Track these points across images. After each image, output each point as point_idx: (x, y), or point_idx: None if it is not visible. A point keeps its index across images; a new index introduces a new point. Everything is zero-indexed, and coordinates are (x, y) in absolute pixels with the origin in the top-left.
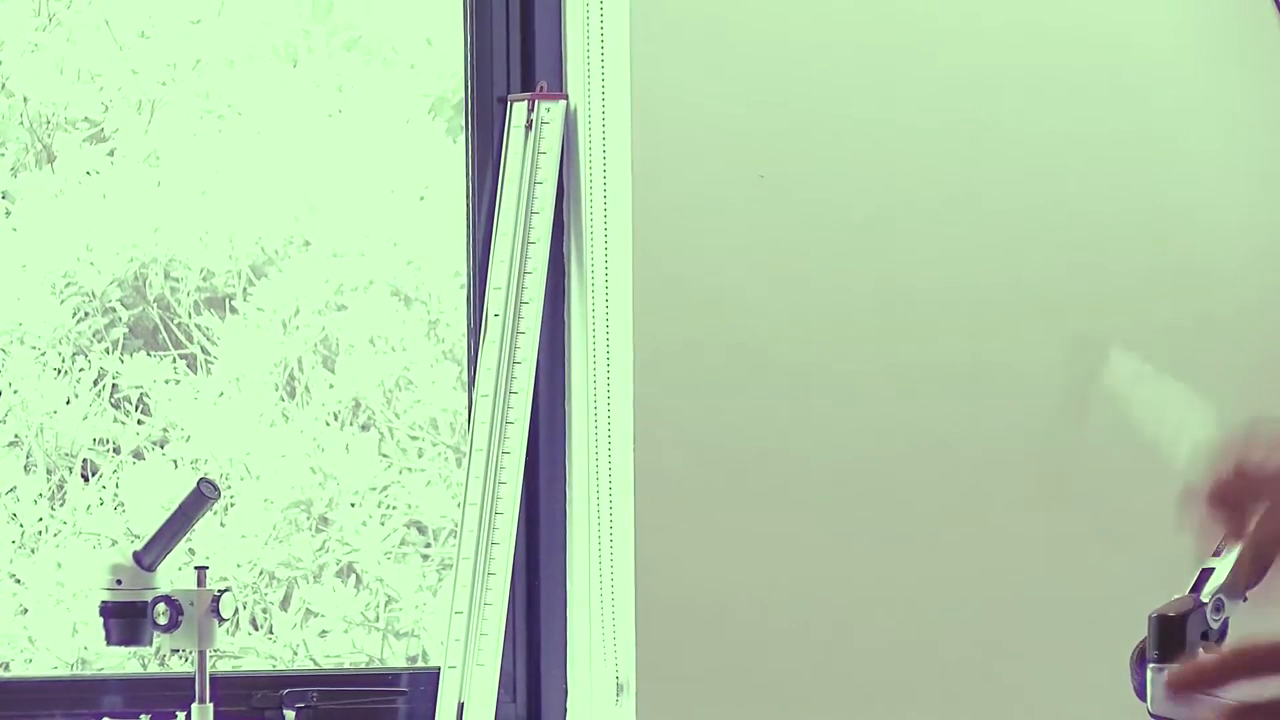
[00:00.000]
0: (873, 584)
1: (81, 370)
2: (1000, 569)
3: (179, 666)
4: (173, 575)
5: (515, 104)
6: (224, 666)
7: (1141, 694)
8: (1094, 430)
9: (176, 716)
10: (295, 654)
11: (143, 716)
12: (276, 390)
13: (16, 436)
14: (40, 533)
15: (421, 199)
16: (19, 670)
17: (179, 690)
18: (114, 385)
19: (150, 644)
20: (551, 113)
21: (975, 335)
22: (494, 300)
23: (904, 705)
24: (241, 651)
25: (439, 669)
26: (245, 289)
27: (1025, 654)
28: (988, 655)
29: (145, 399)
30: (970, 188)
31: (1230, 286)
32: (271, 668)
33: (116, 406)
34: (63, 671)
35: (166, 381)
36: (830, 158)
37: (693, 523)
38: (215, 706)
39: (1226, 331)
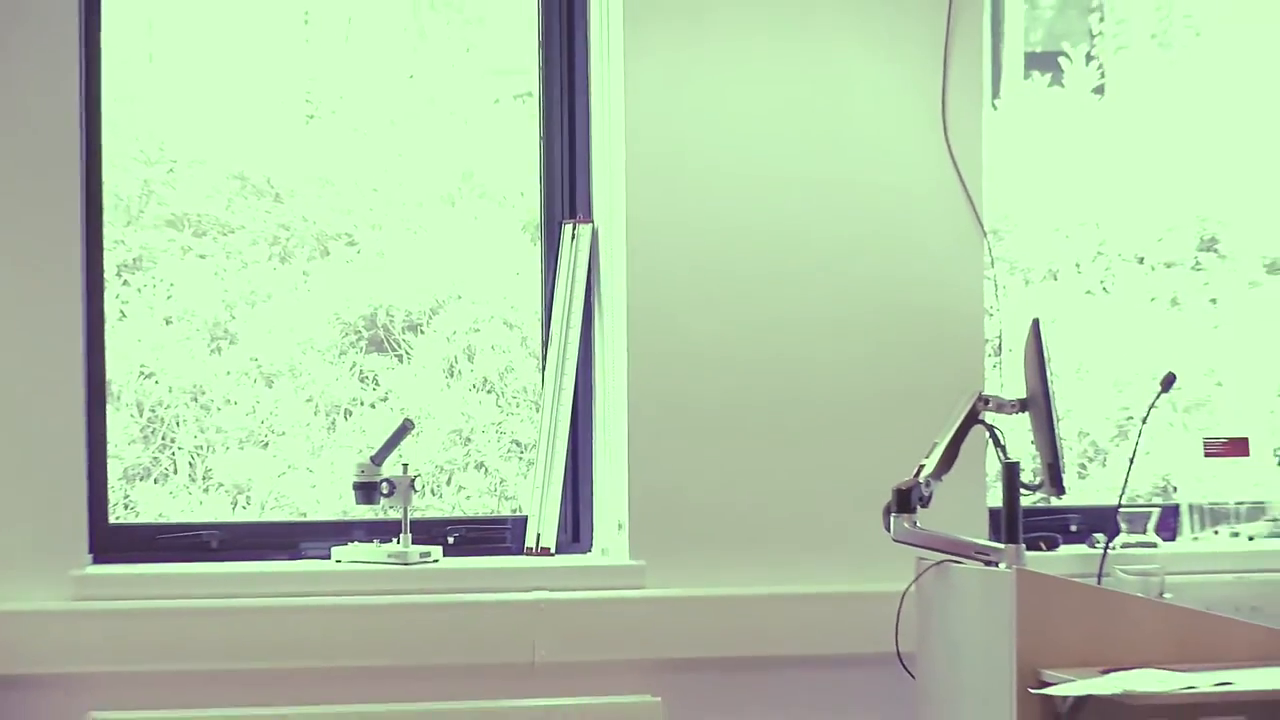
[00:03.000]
0: (780, 468)
1: (344, 360)
2: (840, 463)
3: (394, 514)
4: (391, 469)
5: (564, 225)
6: (415, 516)
7: (888, 529)
8: (860, 386)
9: (393, 540)
10: (453, 509)
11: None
12: (444, 374)
13: (310, 398)
14: (323, 446)
15: (518, 274)
16: (313, 516)
17: (393, 530)
18: (360, 369)
19: (378, 503)
20: (582, 232)
21: (816, 333)
22: (555, 330)
23: (797, 539)
24: (426, 507)
25: (526, 516)
26: (429, 320)
27: (850, 508)
28: (838, 508)
29: (376, 378)
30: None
31: (921, 287)
32: (440, 514)
33: (362, 381)
34: (336, 517)
35: (388, 369)
36: (742, 264)
37: (661, 440)
38: (412, 537)
39: (919, 318)
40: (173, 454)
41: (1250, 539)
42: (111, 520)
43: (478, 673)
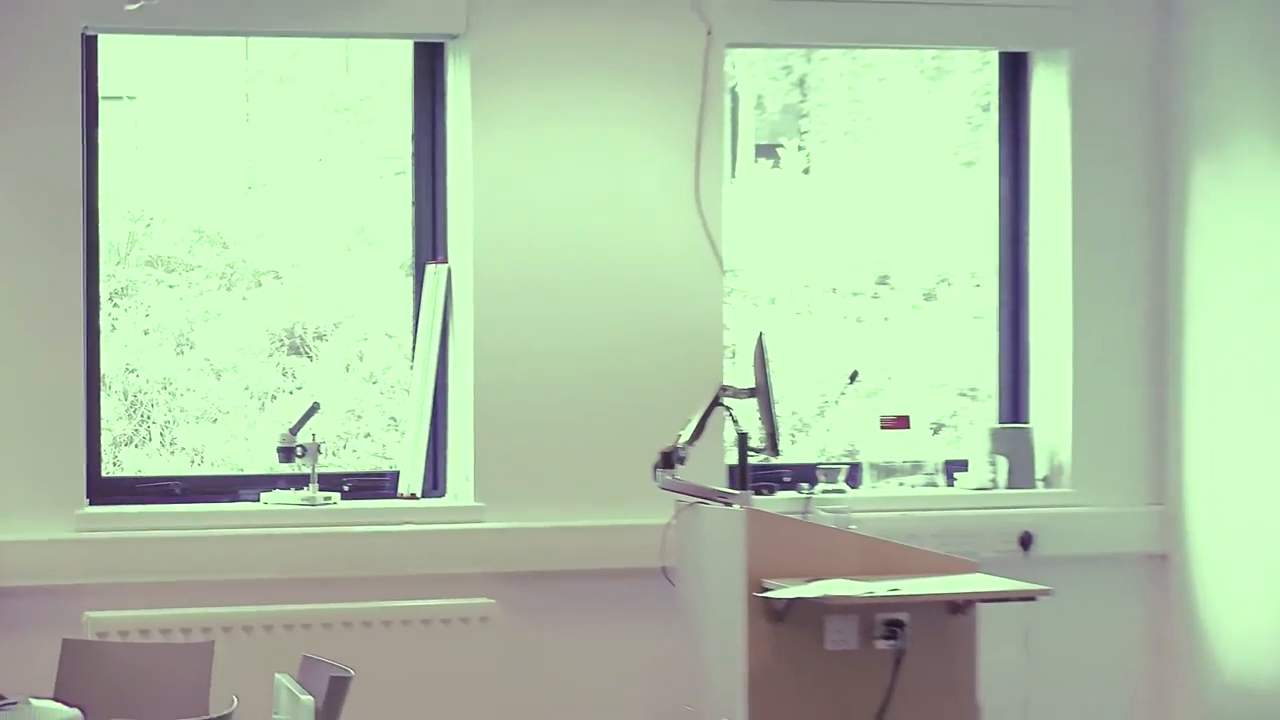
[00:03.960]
0: (583, 437)
1: (271, 360)
2: (624, 434)
3: (306, 470)
4: (304, 438)
5: (428, 265)
6: (320, 471)
7: (655, 480)
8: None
9: (305, 488)
10: (348, 466)
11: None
12: (342, 370)
13: (247, 386)
14: (256, 421)
15: (396, 299)
16: (248, 471)
17: (305, 481)
18: (283, 367)
19: (295, 462)
20: (441, 269)
21: (608, 340)
22: (421, 339)
23: (594, 487)
24: (328, 465)
25: (399, 471)
26: (331, 332)
27: (632, 465)
28: (624, 465)
29: (294, 373)
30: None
31: (680, 310)
32: (338, 470)
33: (284, 375)
34: (265, 472)
35: (302, 367)
36: (556, 291)
37: (497, 416)
38: (318, 486)
39: (679, 331)
40: (148, 427)
41: (912, 487)
42: (104, 474)
43: (366, 582)
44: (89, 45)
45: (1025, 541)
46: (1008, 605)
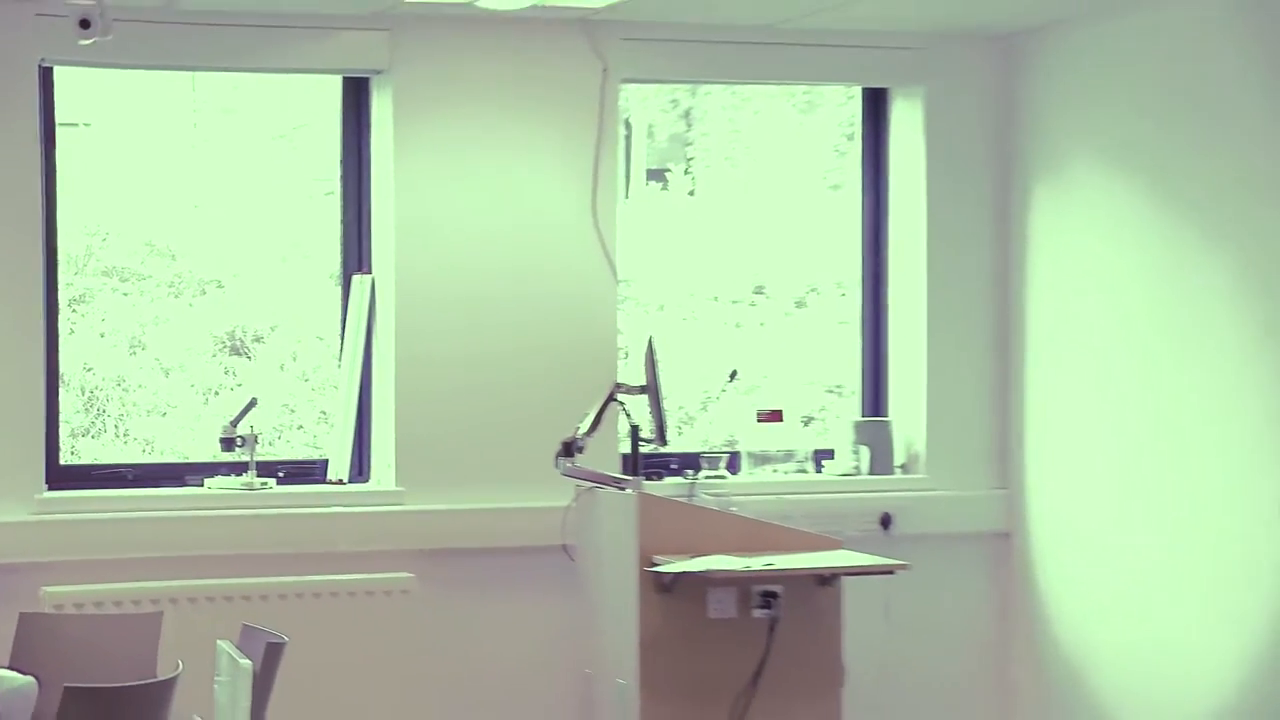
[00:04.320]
0: (493, 430)
1: (215, 360)
2: (531, 427)
3: (245, 458)
4: (243, 429)
5: (355, 276)
6: (258, 459)
7: (558, 467)
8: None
9: (245, 474)
10: (283, 455)
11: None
12: (277, 369)
13: (193, 384)
14: (200, 415)
15: (325, 306)
16: (193, 459)
17: (245, 468)
18: (225, 366)
19: (235, 451)
20: (365, 281)
21: (516, 343)
22: (348, 342)
23: (503, 474)
24: (265, 453)
25: (329, 459)
26: (268, 335)
27: (537, 454)
28: (530, 454)
29: (235, 371)
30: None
31: (579, 315)
32: (274, 458)
33: (226, 373)
34: (208, 459)
35: (242, 366)
36: (469, 298)
37: (416, 411)
38: (256, 472)
39: (578, 335)
40: (104, 420)
41: (784, 474)
42: (62, 462)
43: (299, 559)
44: (45, 76)
45: (885, 522)
46: (869, 578)
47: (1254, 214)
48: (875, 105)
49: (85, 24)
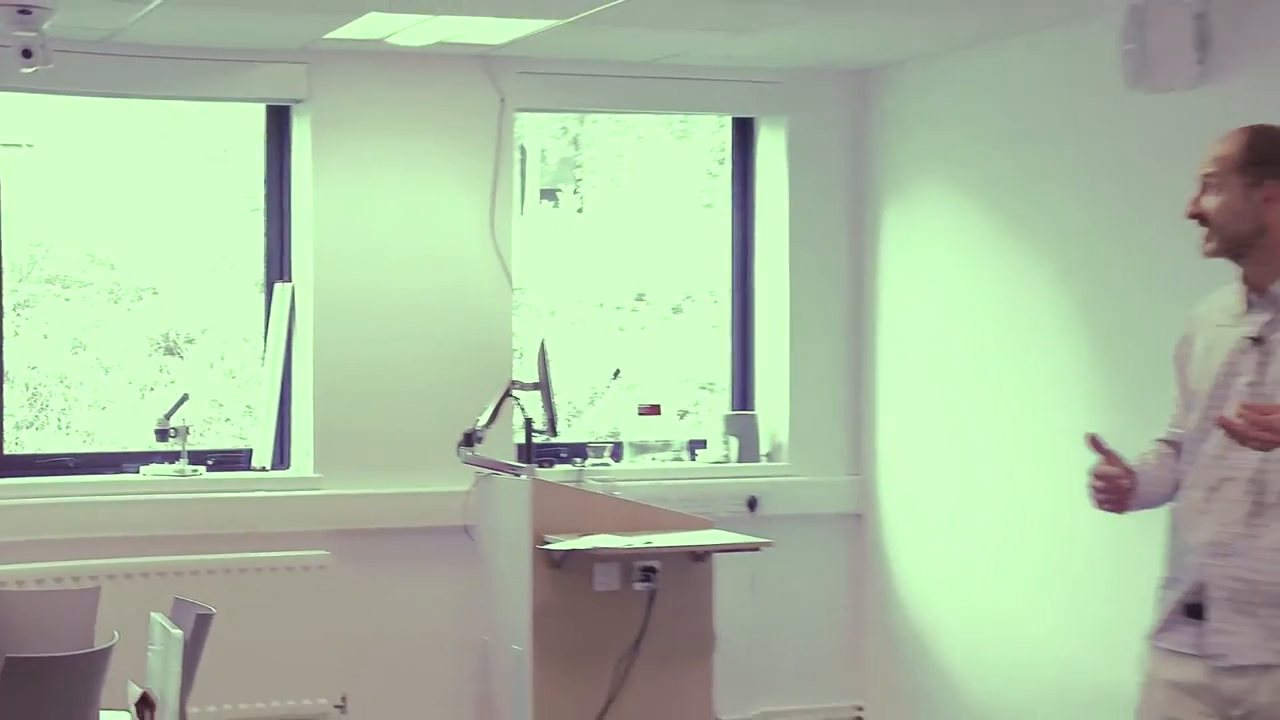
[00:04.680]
0: (402, 422)
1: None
2: (436, 420)
3: (177, 447)
4: (176, 421)
5: (277, 283)
6: (189, 448)
7: (459, 455)
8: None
9: (177, 462)
10: (212, 445)
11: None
12: (207, 367)
13: (131, 381)
14: (137, 409)
15: (251, 311)
16: (130, 449)
17: (177, 456)
18: (159, 365)
19: (168, 441)
20: (286, 288)
21: (423, 343)
22: (270, 343)
23: (410, 461)
24: (196, 443)
25: (253, 449)
26: (199, 336)
27: (442, 444)
28: (435, 444)
29: (168, 370)
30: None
31: (479, 319)
32: (204, 447)
33: (160, 371)
34: (144, 449)
35: (174, 364)
36: (379, 305)
37: (333, 405)
38: (187, 460)
39: (479, 337)
40: (47, 413)
41: (662, 461)
42: (7, 452)
43: (225, 538)
44: None
45: (752, 504)
46: (738, 554)
47: (1074, 227)
48: (743, 133)
49: (27, 54)
